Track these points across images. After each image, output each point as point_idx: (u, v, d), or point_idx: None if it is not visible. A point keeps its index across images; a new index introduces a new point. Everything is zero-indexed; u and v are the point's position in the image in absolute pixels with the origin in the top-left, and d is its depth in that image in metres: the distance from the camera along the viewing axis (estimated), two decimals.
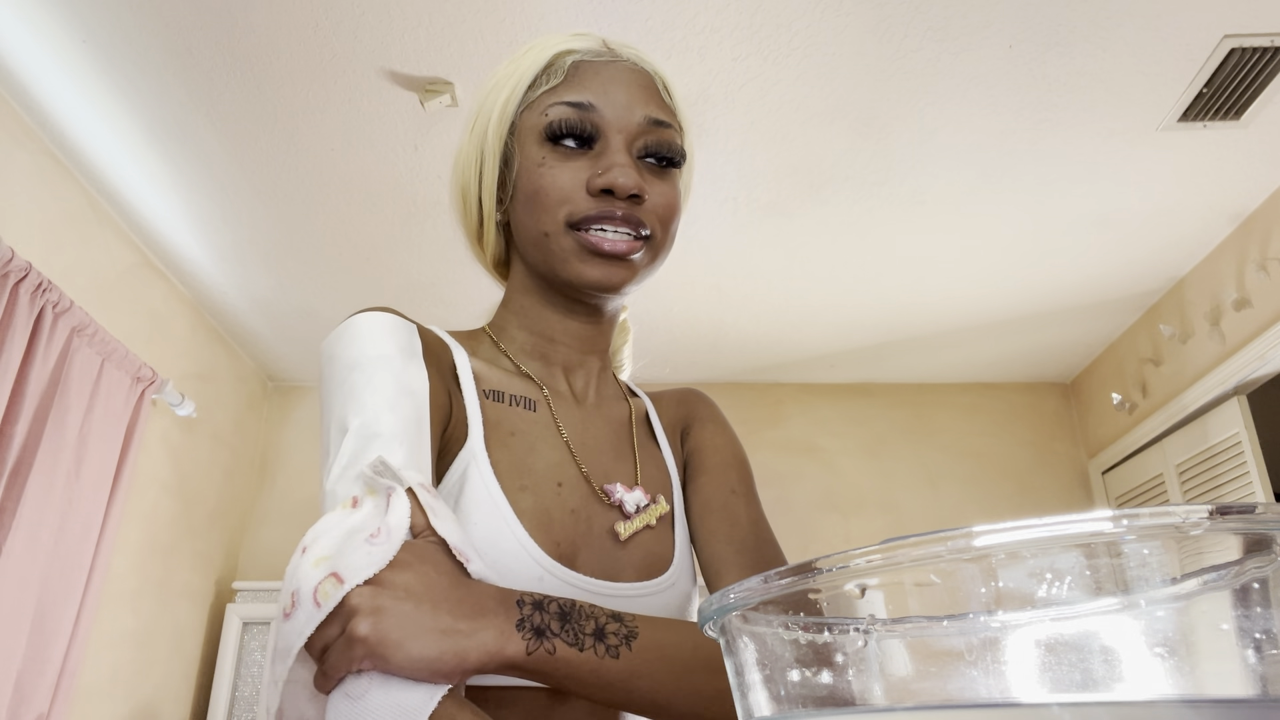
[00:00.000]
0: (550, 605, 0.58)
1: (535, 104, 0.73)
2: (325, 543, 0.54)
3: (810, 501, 3.63)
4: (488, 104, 0.76)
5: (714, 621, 0.32)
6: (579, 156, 0.71)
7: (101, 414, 2.46)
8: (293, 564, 0.55)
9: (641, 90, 0.73)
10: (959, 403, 3.82)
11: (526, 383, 0.76)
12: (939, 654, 0.28)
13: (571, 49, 0.74)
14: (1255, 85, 2.17)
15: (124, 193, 2.57)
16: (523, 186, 0.73)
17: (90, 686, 2.60)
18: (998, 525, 0.24)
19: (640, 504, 0.74)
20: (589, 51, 0.74)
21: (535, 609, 0.57)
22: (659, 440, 0.83)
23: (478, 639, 0.54)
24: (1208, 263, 2.92)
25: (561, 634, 0.57)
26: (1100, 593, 0.26)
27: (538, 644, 0.56)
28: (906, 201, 2.63)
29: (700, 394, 0.91)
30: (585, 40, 0.75)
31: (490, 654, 0.54)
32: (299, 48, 2.07)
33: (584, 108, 0.71)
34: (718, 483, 0.81)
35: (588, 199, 0.70)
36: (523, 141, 0.73)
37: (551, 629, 0.56)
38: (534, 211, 0.72)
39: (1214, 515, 0.24)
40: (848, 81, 2.17)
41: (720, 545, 0.76)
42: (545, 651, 0.56)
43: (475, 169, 0.77)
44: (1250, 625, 0.25)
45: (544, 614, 0.57)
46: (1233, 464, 2.84)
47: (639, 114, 0.72)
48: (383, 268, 2.97)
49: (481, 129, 0.76)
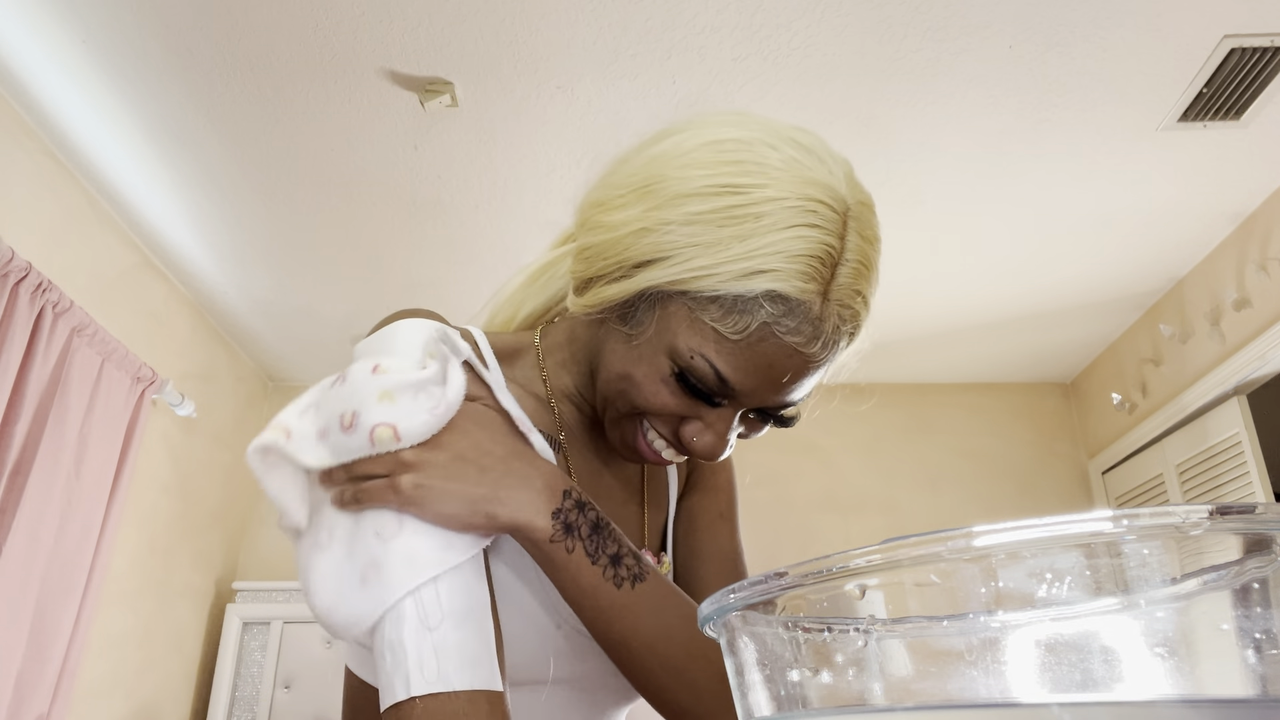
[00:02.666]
0: (589, 511, 0.60)
1: (699, 324, 0.59)
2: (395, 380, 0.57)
3: (810, 501, 3.63)
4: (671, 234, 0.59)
5: (714, 621, 0.32)
6: (693, 398, 0.62)
7: (101, 414, 2.46)
8: (361, 375, 0.57)
9: (800, 382, 0.62)
10: (959, 403, 3.82)
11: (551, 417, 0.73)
12: (939, 654, 0.28)
13: (783, 295, 0.57)
14: (1255, 85, 2.17)
15: (124, 193, 2.57)
16: (629, 354, 0.63)
17: (90, 686, 2.60)
18: (998, 525, 0.24)
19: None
20: (797, 305, 0.58)
21: (576, 507, 0.59)
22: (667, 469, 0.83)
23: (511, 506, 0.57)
24: (1208, 263, 2.92)
25: (585, 540, 0.59)
26: (1100, 593, 0.26)
27: (562, 536, 0.58)
28: (906, 201, 2.63)
29: None
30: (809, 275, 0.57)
31: (517, 522, 0.57)
32: (299, 48, 2.07)
33: (727, 386, 0.60)
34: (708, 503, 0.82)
35: (668, 427, 0.64)
36: (664, 322, 0.60)
37: (580, 531, 0.59)
38: (619, 387, 0.64)
39: (1214, 515, 0.24)
40: (848, 81, 2.17)
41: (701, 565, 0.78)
42: (565, 547, 0.58)
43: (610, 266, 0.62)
44: (1250, 625, 0.25)
45: (581, 514, 0.59)
46: (1233, 464, 2.84)
47: (774, 402, 0.62)
48: (383, 268, 2.97)
49: (645, 251, 0.60)
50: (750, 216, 0.57)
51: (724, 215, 0.58)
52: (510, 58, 2.10)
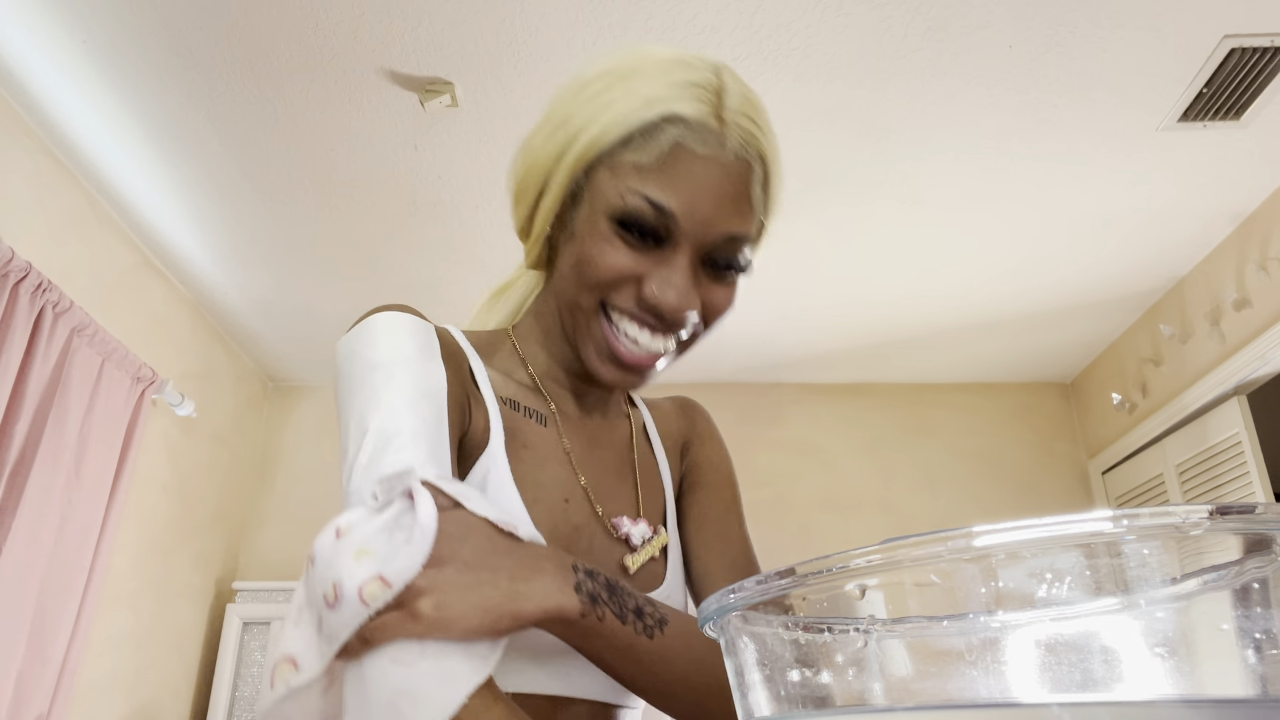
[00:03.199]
0: (599, 576, 0.60)
1: (619, 168, 0.66)
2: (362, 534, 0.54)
3: (810, 501, 3.63)
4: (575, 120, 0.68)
5: (714, 621, 0.32)
6: (642, 250, 0.67)
7: (101, 414, 2.46)
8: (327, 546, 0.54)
9: (732, 201, 0.67)
10: (959, 403, 3.82)
11: (539, 397, 0.77)
12: (939, 654, 0.28)
13: (681, 115, 0.65)
14: (1255, 85, 2.17)
15: (124, 193, 2.57)
16: (575, 247, 0.69)
17: (90, 686, 2.60)
18: (998, 525, 0.24)
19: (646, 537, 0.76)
20: (697, 124, 0.65)
21: (588, 576, 0.59)
22: (658, 458, 0.85)
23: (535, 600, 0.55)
24: (1208, 263, 2.92)
25: (610, 603, 0.59)
26: (1100, 593, 0.26)
27: (590, 607, 0.57)
28: (906, 201, 2.63)
29: (697, 407, 0.92)
30: (697, 97, 0.66)
31: (546, 609, 0.55)
32: (299, 48, 2.07)
33: (664, 214, 0.65)
34: (714, 499, 0.83)
35: (631, 297, 0.68)
36: (593, 194, 0.68)
37: (602, 597, 0.58)
38: (576, 278, 0.69)
39: (1214, 515, 0.24)
40: (848, 81, 2.18)
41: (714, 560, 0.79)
42: (596, 616, 0.57)
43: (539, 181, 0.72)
44: (1250, 625, 0.25)
45: (595, 582, 0.59)
46: (1233, 464, 2.84)
47: (719, 230, 0.67)
48: (383, 268, 2.97)
49: (559, 146, 0.69)
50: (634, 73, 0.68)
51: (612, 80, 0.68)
52: (510, 58, 2.10)
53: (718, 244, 0.68)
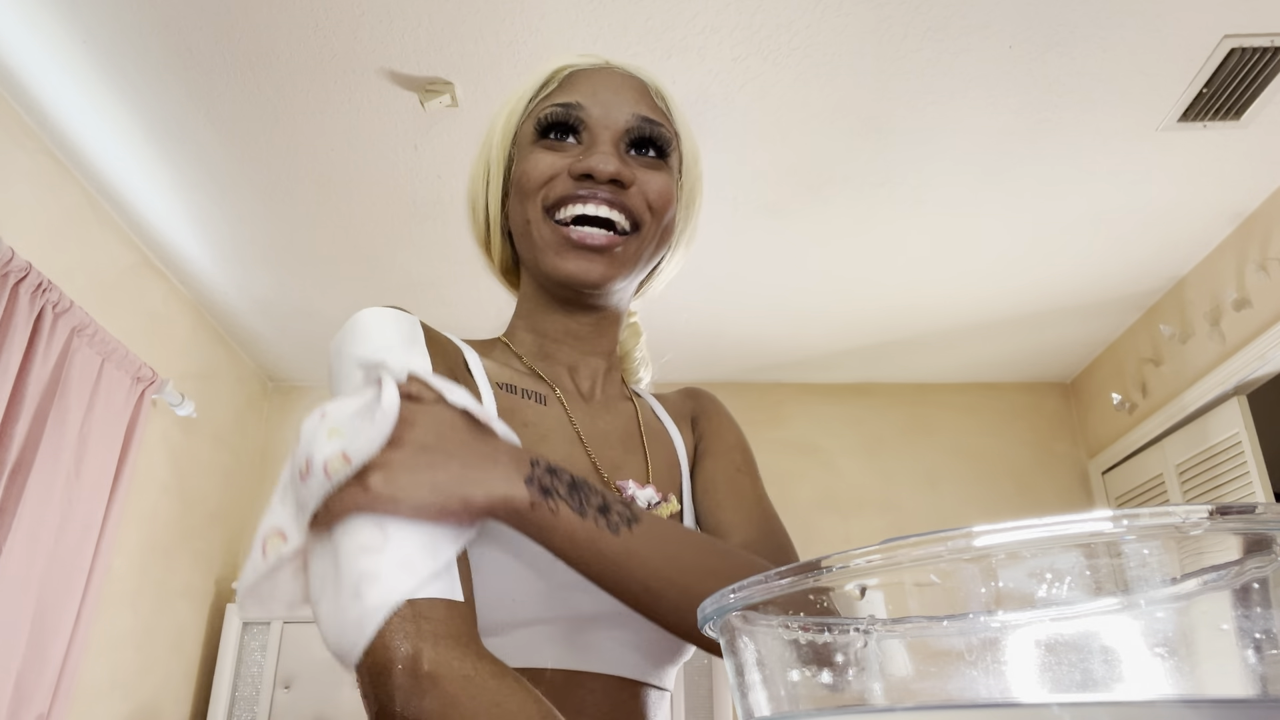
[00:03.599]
0: (563, 474, 0.60)
1: (533, 112, 0.77)
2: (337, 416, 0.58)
3: (810, 501, 3.63)
4: (495, 119, 0.81)
5: (714, 621, 0.32)
6: (565, 149, 0.74)
7: (101, 414, 2.46)
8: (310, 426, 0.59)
9: (632, 92, 0.77)
10: (959, 403, 3.82)
11: (537, 380, 0.78)
12: (939, 654, 0.28)
13: (571, 64, 0.78)
14: (1255, 85, 2.17)
15: (124, 193, 2.57)
16: (513, 180, 0.77)
17: (90, 686, 2.60)
18: (998, 525, 0.24)
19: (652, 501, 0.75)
20: (587, 66, 0.78)
21: (548, 472, 0.60)
22: (669, 430, 0.85)
23: (484, 486, 0.57)
24: (1208, 263, 2.92)
25: (567, 498, 0.59)
26: (1100, 593, 0.26)
27: (541, 499, 0.58)
28: (906, 201, 2.63)
29: (705, 390, 0.93)
30: (588, 59, 0.79)
31: (494, 498, 0.57)
32: (299, 48, 2.07)
33: (571, 106, 0.75)
34: (724, 462, 0.83)
35: (568, 181, 0.73)
36: (521, 147, 0.77)
37: (558, 491, 0.59)
38: (520, 198, 0.75)
39: (1214, 515, 0.24)
40: (848, 81, 2.17)
41: (727, 514, 0.78)
42: (548, 509, 0.58)
43: (483, 179, 0.80)
44: (1250, 625, 0.25)
45: (555, 478, 0.60)
46: (1233, 464, 2.84)
47: (627, 112, 0.75)
48: (383, 268, 2.96)
49: (489, 141, 0.81)
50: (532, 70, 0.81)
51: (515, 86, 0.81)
52: (510, 58, 2.10)
53: (632, 124, 0.75)
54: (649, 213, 0.75)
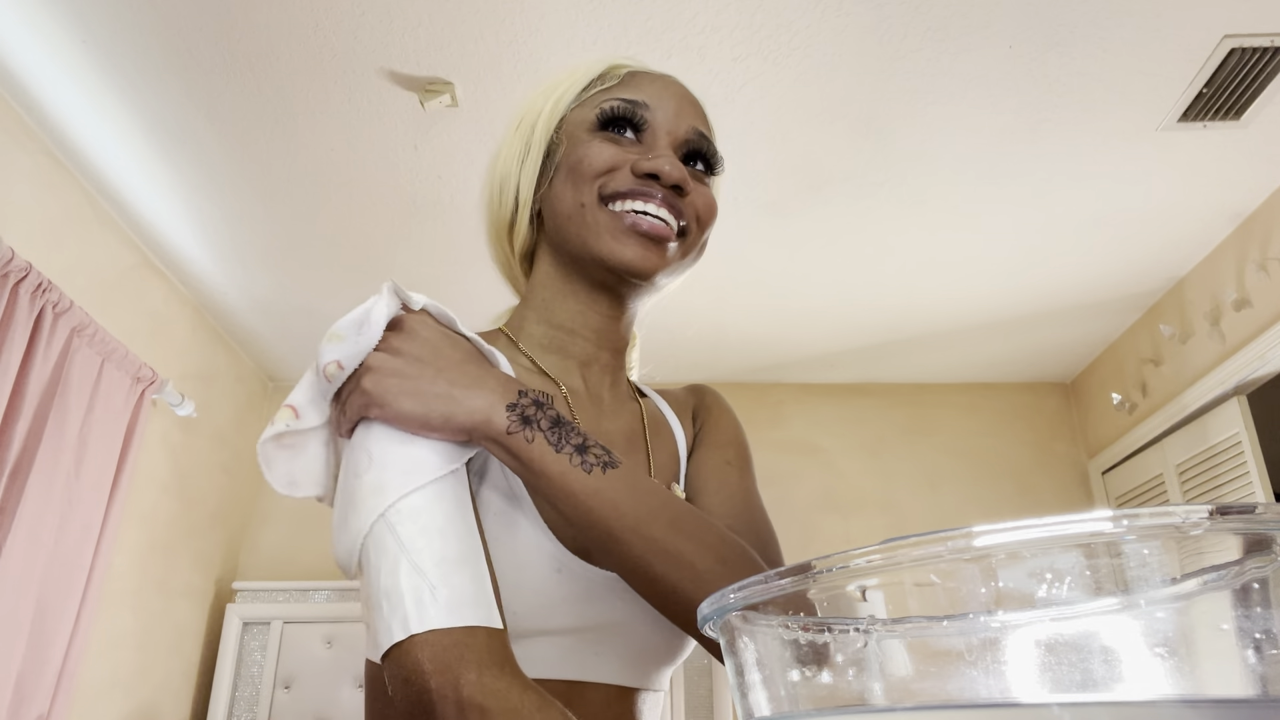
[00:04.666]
0: (548, 409, 0.62)
1: (588, 101, 0.77)
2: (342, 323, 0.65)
3: (810, 501, 3.63)
4: (538, 102, 0.79)
5: (714, 621, 0.32)
6: (625, 144, 0.74)
7: (101, 414, 2.46)
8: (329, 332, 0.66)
9: (692, 106, 0.79)
10: (959, 403, 3.82)
11: (543, 379, 0.77)
12: (939, 654, 0.28)
13: (628, 64, 0.79)
14: (1255, 85, 2.17)
15: (124, 193, 2.57)
16: (564, 163, 0.75)
17: (90, 686, 2.60)
18: (998, 525, 0.24)
19: None
20: (650, 70, 0.79)
21: (534, 405, 0.62)
22: (671, 424, 0.85)
23: (467, 405, 0.60)
24: (1208, 263, 2.92)
25: (546, 432, 0.61)
26: (1100, 593, 0.26)
27: (520, 427, 0.60)
28: (906, 201, 2.63)
29: (711, 388, 0.94)
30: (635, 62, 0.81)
31: (474, 418, 0.60)
32: (299, 48, 2.07)
33: (638, 104, 0.75)
34: (715, 454, 0.84)
35: (629, 176, 0.73)
36: (571, 133, 0.76)
37: (539, 424, 0.61)
38: (573, 182, 0.74)
39: (1214, 515, 0.24)
40: (848, 81, 2.17)
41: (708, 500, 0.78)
42: (525, 438, 0.60)
43: (519, 158, 0.78)
44: (1250, 625, 0.25)
45: (540, 411, 0.62)
46: (1233, 464, 2.84)
47: (687, 123, 0.76)
48: (383, 268, 2.96)
49: (530, 122, 0.78)
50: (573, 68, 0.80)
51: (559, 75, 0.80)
52: (510, 58, 2.10)
53: (691, 136, 0.76)
54: (696, 223, 0.76)
